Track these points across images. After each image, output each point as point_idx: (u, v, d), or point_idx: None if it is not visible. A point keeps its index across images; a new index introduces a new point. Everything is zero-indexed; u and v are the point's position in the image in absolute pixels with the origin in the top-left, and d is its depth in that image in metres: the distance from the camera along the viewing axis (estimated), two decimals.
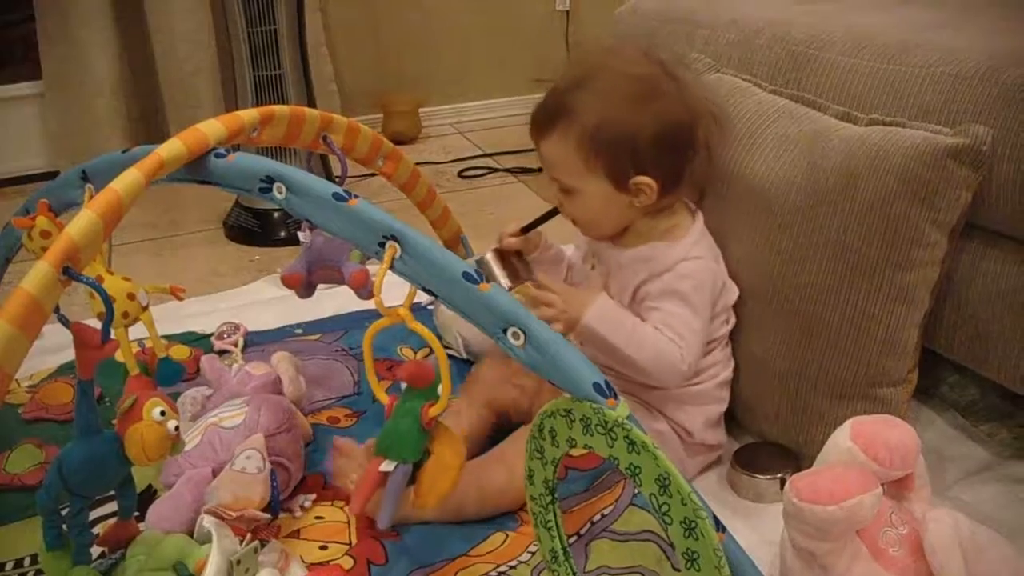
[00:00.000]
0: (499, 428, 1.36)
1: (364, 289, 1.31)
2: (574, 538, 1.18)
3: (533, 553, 1.16)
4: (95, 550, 1.10)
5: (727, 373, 1.35)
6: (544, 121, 1.26)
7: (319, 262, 1.36)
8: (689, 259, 1.25)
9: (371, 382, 1.01)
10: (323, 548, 1.19)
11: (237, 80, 2.31)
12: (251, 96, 2.29)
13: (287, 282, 1.38)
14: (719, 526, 0.83)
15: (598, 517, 1.20)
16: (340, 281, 1.35)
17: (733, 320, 1.35)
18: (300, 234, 1.37)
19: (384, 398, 1.01)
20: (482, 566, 1.15)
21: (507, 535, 1.20)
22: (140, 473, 1.15)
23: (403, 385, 1.00)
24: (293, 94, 2.33)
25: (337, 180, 1.36)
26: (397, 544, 1.19)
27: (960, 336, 1.30)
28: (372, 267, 1.35)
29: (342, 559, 1.17)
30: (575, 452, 0.94)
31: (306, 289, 1.39)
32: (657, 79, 1.24)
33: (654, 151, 1.22)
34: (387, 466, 0.98)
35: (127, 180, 0.97)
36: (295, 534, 1.22)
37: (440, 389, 0.97)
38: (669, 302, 1.24)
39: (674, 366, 1.22)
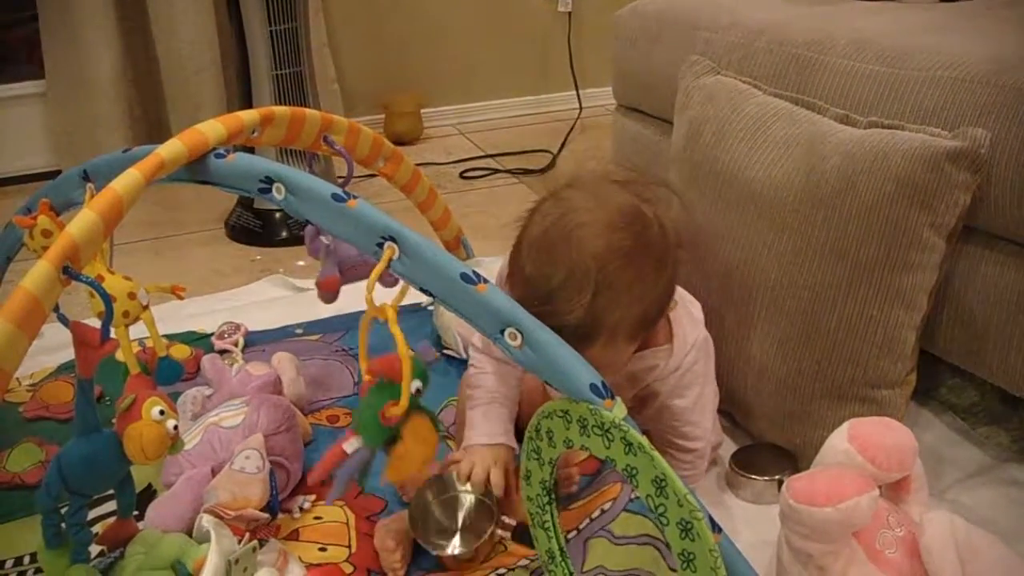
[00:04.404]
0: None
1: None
2: (573, 533, 1.19)
3: (532, 560, 1.16)
4: (94, 548, 1.11)
5: None
6: (580, 339, 1.01)
7: (348, 260, 1.37)
8: (689, 353, 1.22)
9: (361, 364, 1.00)
10: (322, 550, 1.19)
11: (253, 79, 2.30)
12: (270, 95, 2.29)
13: (324, 287, 1.38)
14: (715, 527, 0.83)
15: (597, 513, 1.20)
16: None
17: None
18: (322, 236, 1.37)
19: (366, 377, 1.00)
20: (482, 569, 1.16)
21: (505, 547, 1.20)
22: (139, 472, 1.15)
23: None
24: (311, 91, 2.35)
25: (340, 180, 1.37)
26: None
27: (958, 339, 1.30)
28: None
29: (342, 565, 1.17)
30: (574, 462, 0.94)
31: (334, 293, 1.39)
32: (643, 221, 1.10)
33: (674, 283, 1.17)
34: (349, 447, 0.99)
35: (127, 180, 0.98)
36: (294, 534, 1.22)
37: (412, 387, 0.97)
38: (679, 398, 1.23)
39: (703, 461, 1.26)
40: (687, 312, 1.25)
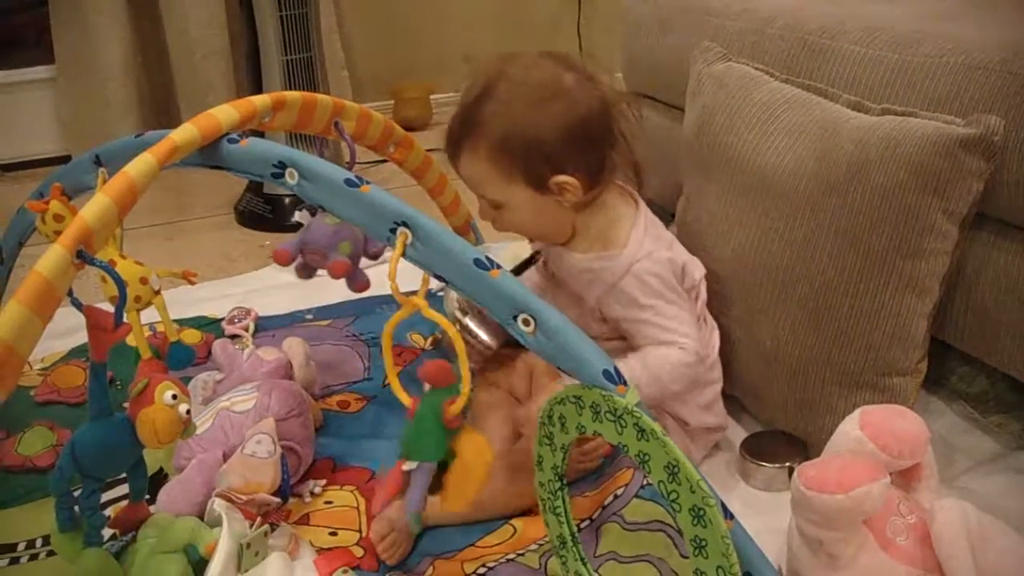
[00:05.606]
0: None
1: (351, 279, 1.33)
2: (586, 522, 1.19)
3: (541, 544, 1.17)
4: (106, 532, 1.11)
5: (713, 354, 1.34)
6: (454, 141, 1.24)
7: (309, 245, 1.37)
8: (639, 260, 1.22)
9: (392, 384, 0.99)
10: (333, 534, 1.20)
11: (263, 65, 2.30)
12: (279, 80, 2.29)
13: (275, 257, 1.39)
14: (727, 514, 0.83)
15: (609, 500, 1.21)
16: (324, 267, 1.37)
17: (704, 296, 1.33)
18: (297, 213, 1.38)
19: (406, 400, 0.98)
20: (493, 555, 1.16)
21: (515, 528, 1.21)
22: (151, 456, 1.16)
23: (426, 386, 0.98)
24: (321, 77, 2.35)
25: (346, 165, 1.36)
26: None
27: (970, 326, 1.30)
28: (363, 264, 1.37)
29: (353, 548, 1.17)
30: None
31: (303, 270, 1.40)
32: (557, 77, 1.21)
33: (567, 148, 1.18)
34: (410, 465, 0.97)
35: (141, 165, 0.98)
36: (305, 519, 1.22)
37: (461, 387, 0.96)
38: (643, 311, 1.22)
39: (688, 364, 1.20)
40: (659, 236, 1.27)
